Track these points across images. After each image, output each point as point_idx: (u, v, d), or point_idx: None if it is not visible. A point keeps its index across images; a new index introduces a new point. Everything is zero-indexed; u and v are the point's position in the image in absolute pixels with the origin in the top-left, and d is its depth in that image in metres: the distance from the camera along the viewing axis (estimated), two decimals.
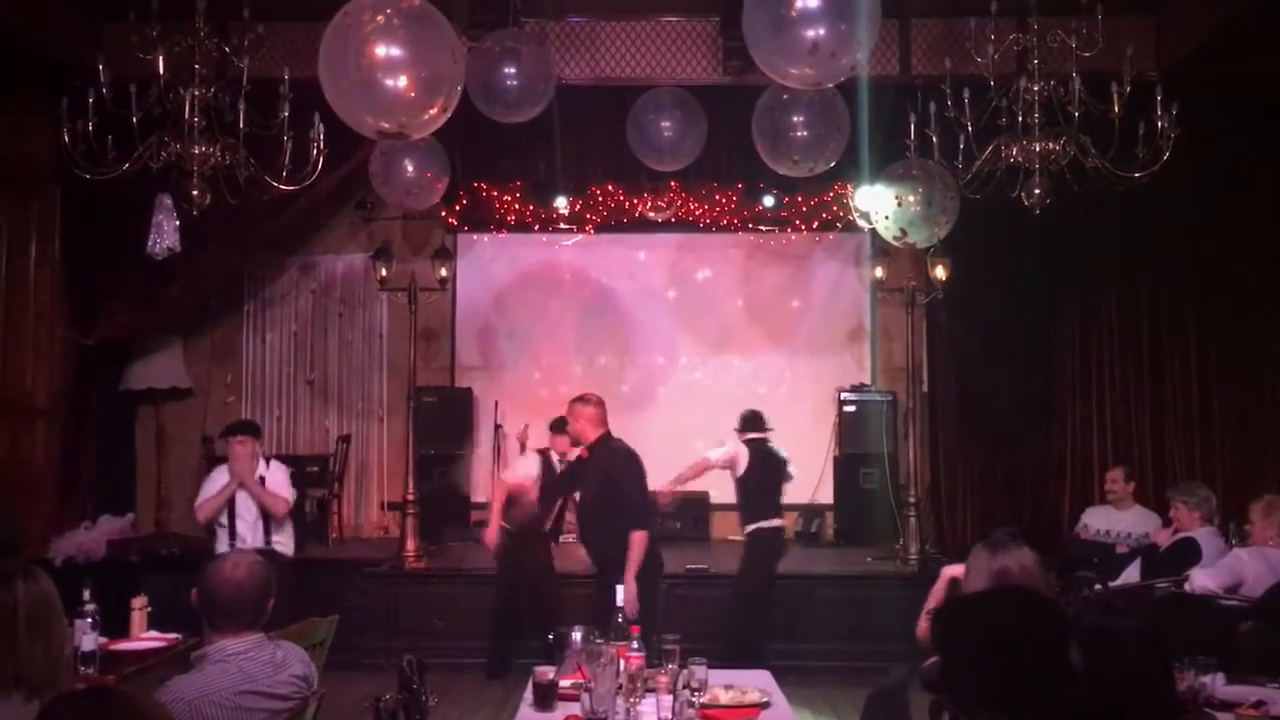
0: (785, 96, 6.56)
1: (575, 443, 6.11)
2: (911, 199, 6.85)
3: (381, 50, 4.69)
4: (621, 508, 5.69)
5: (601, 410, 5.86)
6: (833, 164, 6.83)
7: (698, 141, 7.50)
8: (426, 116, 4.89)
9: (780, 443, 7.29)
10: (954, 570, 3.93)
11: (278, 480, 6.68)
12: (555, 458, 7.40)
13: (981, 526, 8.68)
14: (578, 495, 6.73)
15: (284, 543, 6.66)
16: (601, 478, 5.80)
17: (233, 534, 6.54)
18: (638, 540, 5.62)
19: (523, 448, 9.28)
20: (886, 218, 7.08)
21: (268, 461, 6.81)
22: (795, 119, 6.64)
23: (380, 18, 4.69)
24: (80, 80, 5.95)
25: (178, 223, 7.15)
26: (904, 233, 7.07)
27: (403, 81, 4.71)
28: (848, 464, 9.20)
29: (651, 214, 9.37)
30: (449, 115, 5.06)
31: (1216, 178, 7.99)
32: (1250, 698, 3.60)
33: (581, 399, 5.93)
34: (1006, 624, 2.23)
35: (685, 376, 9.94)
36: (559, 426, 7.30)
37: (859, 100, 6.86)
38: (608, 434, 5.87)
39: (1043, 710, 2.08)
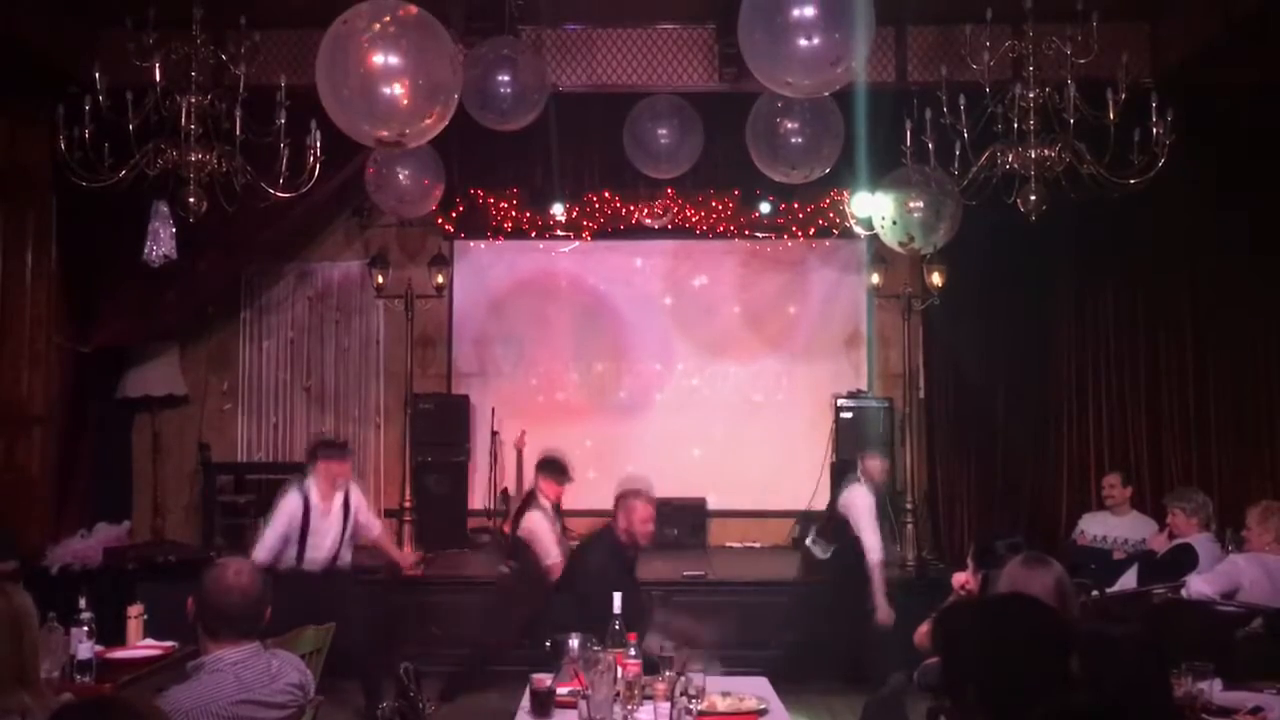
0: (779, 103, 6.57)
1: (628, 533, 5.71)
2: (919, 204, 6.87)
3: (379, 59, 4.70)
4: None
5: None
6: (829, 169, 6.84)
7: (694, 148, 7.50)
8: (424, 125, 4.90)
9: (777, 450, 7.25)
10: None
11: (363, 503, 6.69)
12: (547, 504, 6.72)
13: (979, 533, 8.69)
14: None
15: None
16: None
17: (301, 554, 6.36)
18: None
19: (519, 454, 9.30)
20: (894, 223, 7.09)
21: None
22: (790, 125, 6.66)
23: (378, 25, 4.70)
24: (76, 88, 5.97)
25: (174, 230, 7.15)
26: (911, 238, 7.08)
27: (401, 90, 4.72)
28: (844, 470, 9.13)
29: (648, 220, 9.37)
30: (446, 123, 5.07)
31: (1213, 184, 7.99)
32: (1248, 703, 3.61)
33: (646, 495, 5.78)
34: (1007, 630, 2.23)
35: (682, 383, 9.93)
36: (556, 472, 6.72)
37: (855, 107, 6.87)
38: None
39: (1042, 715, 2.08)
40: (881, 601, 6.63)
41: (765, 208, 9.23)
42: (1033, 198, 5.53)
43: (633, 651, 3.70)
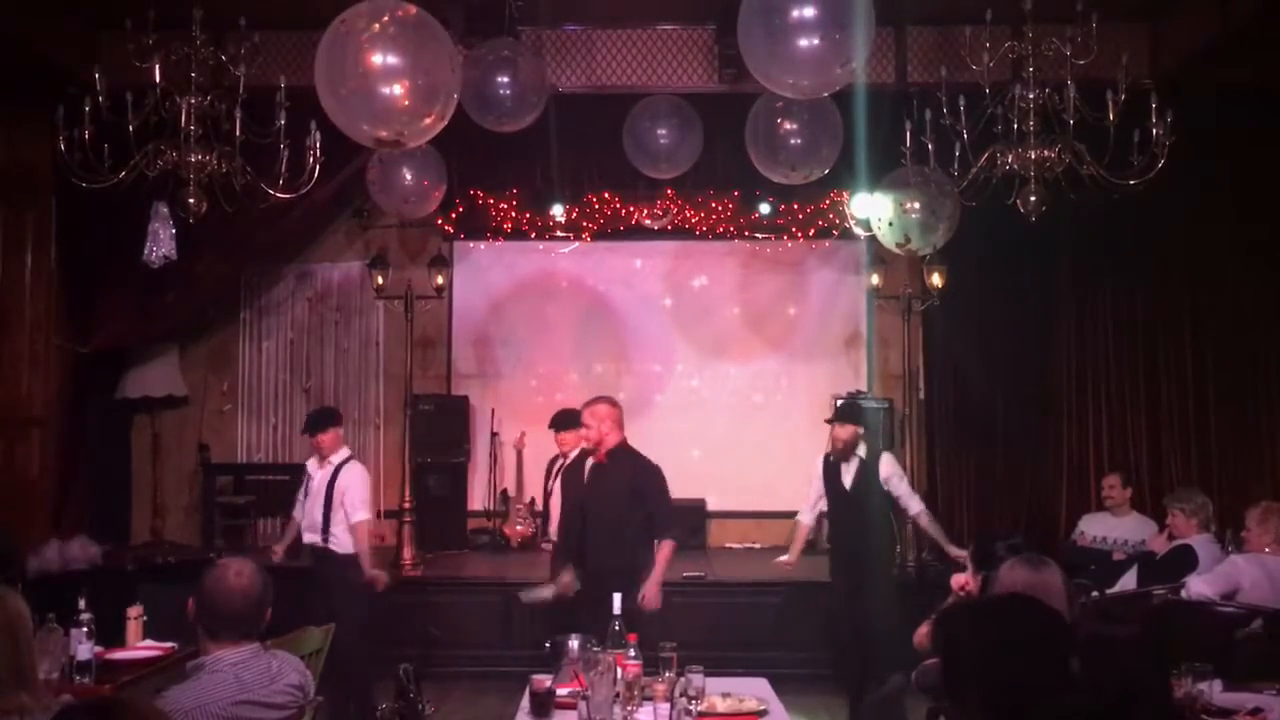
0: (779, 104, 6.58)
1: (590, 447, 5.74)
2: (916, 205, 6.87)
3: (378, 58, 4.70)
4: (655, 517, 5.57)
5: (621, 412, 5.71)
6: (828, 170, 6.84)
7: (694, 149, 7.51)
8: (424, 124, 4.90)
9: (777, 451, 7.23)
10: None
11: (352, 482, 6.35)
12: (562, 455, 6.92)
13: (979, 534, 8.68)
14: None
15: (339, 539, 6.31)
16: (628, 485, 5.58)
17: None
18: (670, 550, 5.56)
19: (519, 455, 9.30)
20: (890, 224, 7.08)
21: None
22: (789, 126, 6.66)
23: (377, 26, 4.70)
24: (76, 89, 5.95)
25: (174, 231, 7.16)
26: (907, 239, 7.07)
27: (400, 90, 4.72)
28: None
29: (648, 221, 9.37)
30: (445, 123, 5.07)
31: (1212, 184, 8.00)
32: (1248, 704, 3.60)
33: (604, 399, 5.73)
34: (1007, 631, 2.23)
35: (682, 384, 9.94)
36: (567, 423, 6.80)
37: (855, 108, 6.87)
38: (625, 439, 5.70)
39: (1042, 716, 2.08)
40: (792, 552, 7.10)
41: (765, 209, 9.23)
42: (1032, 198, 5.53)
43: (633, 653, 3.69)
